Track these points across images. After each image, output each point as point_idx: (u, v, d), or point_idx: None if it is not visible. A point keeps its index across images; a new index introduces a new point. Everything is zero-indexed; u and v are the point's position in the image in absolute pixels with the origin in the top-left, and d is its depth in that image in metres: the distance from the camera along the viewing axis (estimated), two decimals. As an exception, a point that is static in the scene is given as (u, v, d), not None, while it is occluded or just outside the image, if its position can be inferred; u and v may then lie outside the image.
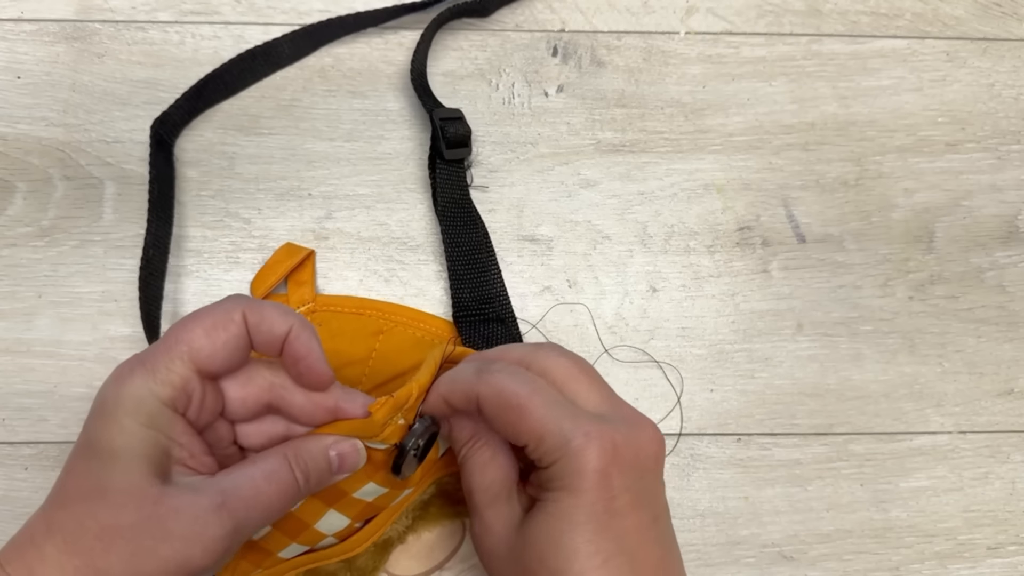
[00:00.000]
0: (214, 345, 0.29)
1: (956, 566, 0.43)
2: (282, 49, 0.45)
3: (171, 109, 0.42)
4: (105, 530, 0.27)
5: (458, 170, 0.43)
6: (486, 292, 0.42)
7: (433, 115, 0.43)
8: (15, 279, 0.43)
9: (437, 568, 0.39)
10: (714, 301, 0.45)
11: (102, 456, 0.28)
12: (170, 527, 0.27)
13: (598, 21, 0.48)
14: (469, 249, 0.42)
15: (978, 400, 0.44)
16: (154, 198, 0.41)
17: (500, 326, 0.42)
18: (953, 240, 0.46)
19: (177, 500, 0.28)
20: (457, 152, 0.43)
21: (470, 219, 0.43)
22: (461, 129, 0.43)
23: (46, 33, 0.45)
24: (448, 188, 0.43)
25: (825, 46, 0.48)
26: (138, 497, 0.27)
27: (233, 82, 0.45)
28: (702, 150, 0.46)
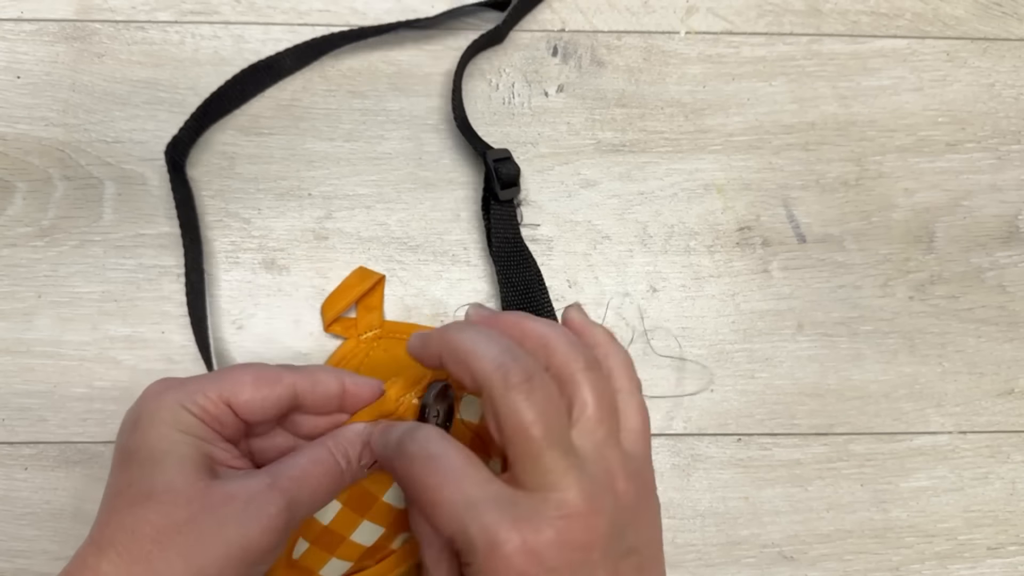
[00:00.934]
0: (254, 396, 0.30)
1: (956, 566, 0.43)
2: (285, 62, 0.45)
3: (181, 132, 0.42)
4: (159, 531, 0.27)
5: (510, 210, 0.43)
6: None
7: (486, 157, 0.42)
8: (15, 279, 0.43)
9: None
10: (714, 301, 0.45)
11: (144, 463, 0.28)
12: (225, 513, 0.27)
13: (598, 21, 0.48)
14: (523, 288, 0.42)
15: (978, 400, 0.44)
16: (184, 222, 0.42)
17: None
18: (953, 240, 0.46)
19: (228, 487, 0.28)
20: (509, 192, 0.43)
21: (523, 258, 0.43)
22: (512, 169, 0.43)
23: (46, 33, 0.45)
24: (502, 229, 0.43)
25: (825, 46, 0.48)
26: (187, 493, 0.28)
27: (237, 98, 0.45)
28: (702, 150, 0.46)
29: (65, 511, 0.41)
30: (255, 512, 0.28)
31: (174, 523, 0.27)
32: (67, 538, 0.41)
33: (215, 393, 0.30)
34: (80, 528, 0.41)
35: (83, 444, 0.42)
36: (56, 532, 0.41)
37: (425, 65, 0.46)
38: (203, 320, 0.42)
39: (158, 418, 0.29)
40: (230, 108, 0.45)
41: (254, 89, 0.45)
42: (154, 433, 0.29)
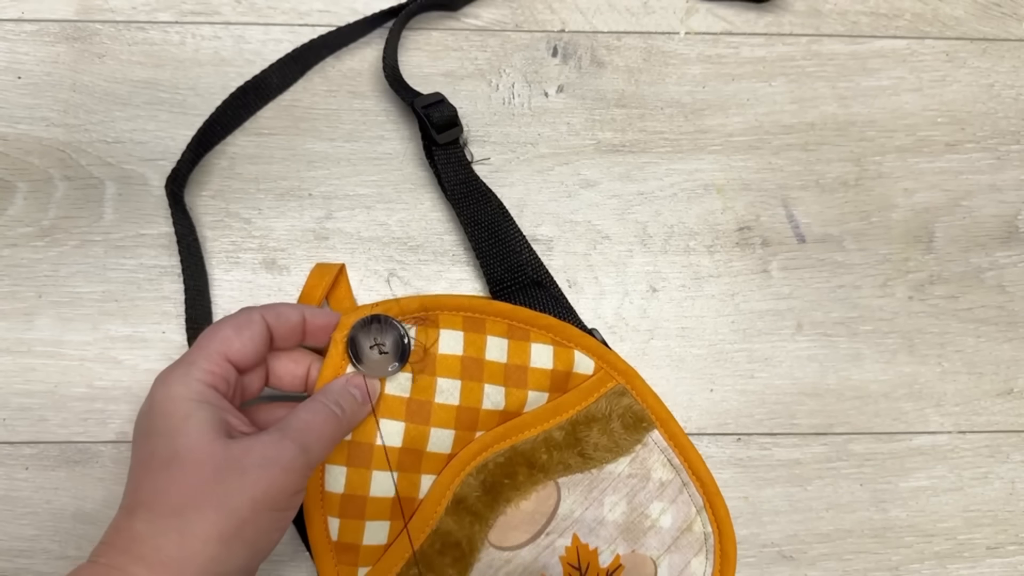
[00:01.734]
0: (242, 340, 0.34)
1: (956, 566, 0.43)
2: (271, 80, 0.45)
3: (179, 165, 0.42)
4: (189, 488, 0.29)
5: (455, 151, 0.43)
6: (515, 261, 0.42)
7: (415, 105, 0.42)
8: (15, 279, 0.43)
9: (541, 532, 0.39)
10: (714, 301, 0.45)
11: (164, 433, 0.31)
12: (247, 464, 0.30)
13: (598, 21, 0.48)
14: (488, 224, 0.42)
15: (978, 400, 0.44)
16: (185, 254, 0.42)
17: (538, 289, 0.41)
18: (953, 240, 0.46)
19: (245, 443, 0.31)
20: (449, 134, 0.42)
21: (481, 194, 0.43)
22: (446, 110, 0.42)
23: (47, 33, 0.46)
24: (451, 171, 0.43)
25: (825, 46, 0.48)
26: (210, 452, 0.30)
27: (230, 122, 0.44)
28: (702, 150, 0.46)
29: (66, 511, 0.41)
30: (274, 458, 0.30)
31: (202, 479, 0.29)
32: (68, 538, 0.41)
33: (213, 352, 0.33)
34: (81, 528, 0.41)
35: (84, 444, 0.42)
36: (57, 532, 0.41)
37: (425, 66, 0.46)
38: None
39: (172, 393, 0.32)
40: (224, 134, 0.44)
41: (245, 112, 0.45)
42: (171, 407, 0.31)
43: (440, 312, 0.38)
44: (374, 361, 0.36)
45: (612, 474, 0.40)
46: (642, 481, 0.40)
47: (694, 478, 0.40)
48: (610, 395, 0.40)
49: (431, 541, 0.37)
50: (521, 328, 0.39)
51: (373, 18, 0.46)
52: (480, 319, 0.39)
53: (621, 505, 0.39)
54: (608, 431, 0.40)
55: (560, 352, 0.40)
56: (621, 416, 0.40)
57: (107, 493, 0.41)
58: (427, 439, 0.37)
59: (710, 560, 0.39)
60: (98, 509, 0.41)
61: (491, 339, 0.38)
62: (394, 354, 0.37)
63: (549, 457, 0.39)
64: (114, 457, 0.42)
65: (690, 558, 0.39)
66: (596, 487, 0.39)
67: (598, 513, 0.39)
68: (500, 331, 0.39)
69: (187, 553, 0.28)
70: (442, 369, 0.37)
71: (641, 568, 0.39)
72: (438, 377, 0.37)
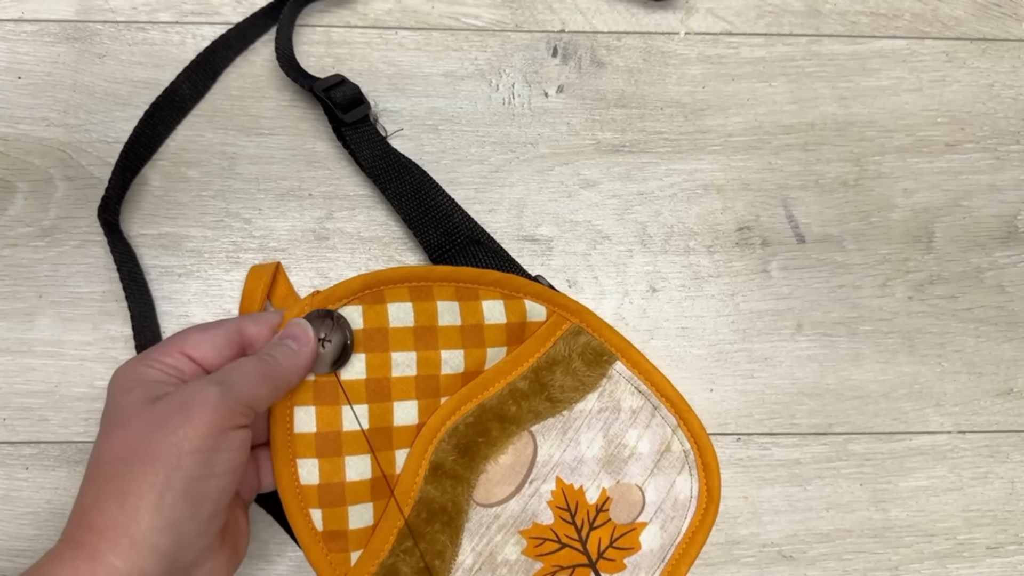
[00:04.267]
0: (202, 336, 0.34)
1: (955, 565, 0.43)
2: (183, 90, 0.44)
3: (107, 193, 0.41)
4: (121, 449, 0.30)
5: (366, 128, 0.43)
6: (447, 224, 0.42)
7: (314, 89, 0.42)
8: (16, 279, 0.43)
9: (524, 482, 0.39)
10: (714, 301, 0.45)
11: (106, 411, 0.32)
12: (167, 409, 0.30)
13: (598, 21, 0.48)
14: (413, 193, 0.42)
15: (977, 400, 0.44)
16: (127, 281, 0.41)
17: (478, 247, 0.41)
18: (952, 240, 0.46)
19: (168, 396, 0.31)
20: (356, 112, 0.42)
21: (401, 166, 0.42)
22: (348, 90, 0.42)
23: (47, 34, 0.46)
24: (365, 148, 0.42)
25: (824, 46, 0.48)
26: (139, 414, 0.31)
27: (150, 142, 0.44)
28: (702, 150, 0.46)
29: (66, 511, 0.41)
30: (190, 398, 0.30)
31: (132, 439, 0.30)
32: (68, 537, 0.41)
33: (169, 344, 0.34)
34: (81, 527, 0.41)
35: (84, 444, 0.42)
36: (57, 532, 0.41)
37: (425, 66, 0.46)
38: None
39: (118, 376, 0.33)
40: (147, 155, 0.44)
41: (164, 129, 0.44)
42: (114, 387, 0.32)
43: (384, 287, 0.38)
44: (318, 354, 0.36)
45: (583, 412, 0.40)
46: (614, 413, 0.40)
47: (663, 400, 0.41)
48: (567, 336, 0.40)
49: (416, 512, 0.37)
50: (468, 288, 0.39)
51: (269, 9, 0.45)
52: (426, 287, 0.38)
53: (598, 440, 0.40)
54: (571, 371, 0.40)
55: (511, 304, 0.40)
56: (581, 354, 0.40)
57: (107, 493, 0.41)
58: (392, 414, 0.37)
59: (694, 475, 0.40)
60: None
61: (441, 304, 0.38)
62: (332, 355, 0.36)
63: (518, 408, 0.39)
64: (114, 457, 0.42)
65: (674, 477, 0.40)
66: (570, 428, 0.40)
67: (577, 452, 0.39)
68: (448, 295, 0.39)
69: (128, 510, 0.28)
70: (395, 343, 0.37)
71: (628, 496, 0.39)
72: (392, 352, 0.37)
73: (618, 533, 0.39)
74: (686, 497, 0.40)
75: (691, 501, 0.40)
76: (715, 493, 0.40)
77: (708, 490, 0.40)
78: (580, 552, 0.39)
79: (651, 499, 0.40)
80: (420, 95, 0.46)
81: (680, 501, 0.40)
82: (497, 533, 0.38)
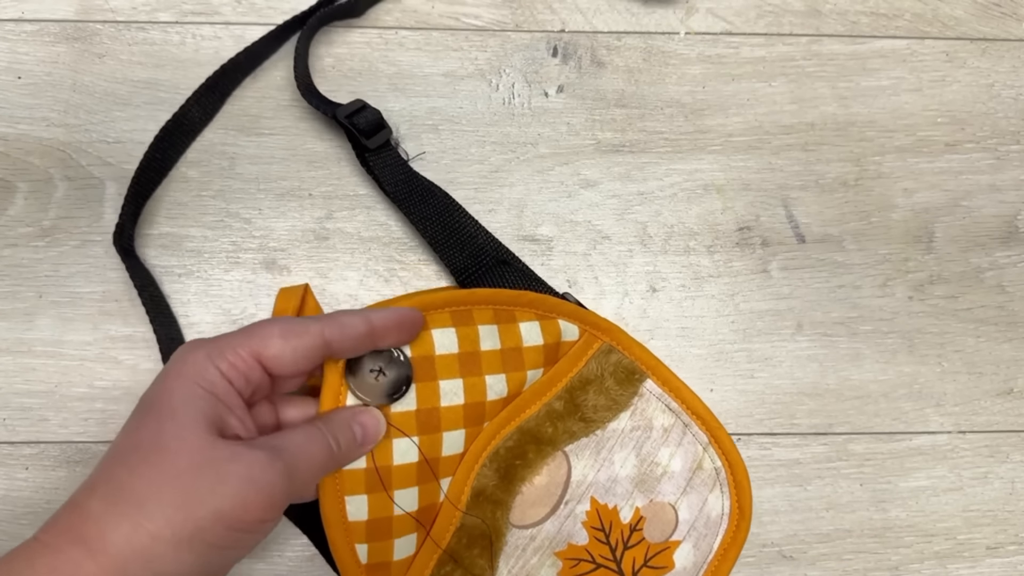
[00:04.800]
0: (283, 347, 0.31)
1: (955, 566, 0.43)
2: (193, 114, 0.44)
3: (121, 219, 0.41)
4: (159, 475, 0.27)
5: (390, 153, 0.43)
6: (472, 246, 0.42)
7: (337, 116, 0.41)
8: (16, 279, 0.43)
9: (559, 503, 0.39)
10: (714, 301, 0.45)
11: (158, 411, 0.29)
12: (227, 470, 0.27)
13: (598, 21, 0.48)
14: (438, 217, 0.42)
15: (977, 400, 0.44)
16: (149, 305, 0.41)
17: (505, 268, 0.41)
18: (952, 240, 0.46)
19: (234, 447, 0.28)
20: (378, 137, 0.42)
21: (424, 190, 0.42)
22: (371, 115, 0.42)
23: (47, 33, 0.46)
24: (388, 173, 0.42)
25: (825, 46, 0.48)
26: (194, 444, 0.28)
27: (161, 167, 0.43)
28: (702, 150, 0.46)
29: (66, 511, 0.41)
30: (257, 478, 0.28)
31: (176, 469, 0.27)
32: (68, 537, 0.41)
33: (244, 348, 0.30)
34: (81, 528, 0.41)
35: (84, 444, 0.42)
36: (57, 532, 0.41)
37: (425, 65, 0.46)
38: None
39: (183, 372, 0.30)
40: (158, 179, 0.43)
41: (175, 152, 0.44)
42: (176, 384, 0.29)
43: (427, 313, 0.37)
44: (369, 386, 0.35)
45: (616, 431, 0.40)
46: (646, 431, 0.40)
47: (694, 417, 0.41)
48: (598, 355, 0.40)
49: (457, 538, 0.37)
50: (506, 310, 0.39)
51: (280, 32, 0.45)
52: (466, 310, 0.38)
53: (631, 459, 0.40)
54: (603, 390, 0.40)
55: (546, 325, 0.39)
56: (613, 373, 0.40)
57: (107, 493, 0.41)
58: (441, 445, 0.36)
59: (725, 492, 0.40)
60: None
61: (482, 328, 0.38)
62: (390, 386, 0.35)
63: (554, 429, 0.39)
64: (114, 457, 0.42)
65: (706, 495, 0.40)
66: (604, 447, 0.40)
67: (610, 472, 0.39)
68: (488, 318, 0.38)
69: (133, 547, 0.26)
70: (442, 371, 0.36)
71: (662, 515, 0.39)
72: (440, 380, 0.36)
73: (652, 552, 0.39)
74: (718, 515, 0.40)
75: (723, 518, 0.40)
76: (746, 510, 0.40)
77: (740, 507, 0.40)
78: (615, 572, 0.39)
79: (684, 517, 0.40)
80: (420, 95, 0.46)
81: (712, 519, 0.40)
82: (533, 555, 0.38)
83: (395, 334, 0.34)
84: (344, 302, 0.43)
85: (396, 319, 0.34)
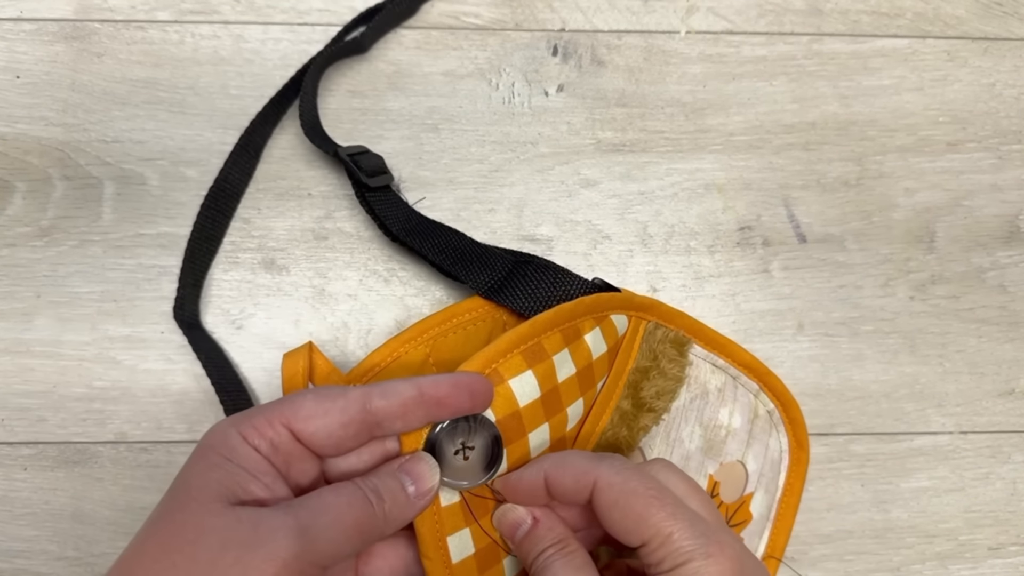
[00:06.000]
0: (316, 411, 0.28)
1: (957, 566, 0.43)
2: (232, 176, 0.43)
3: (180, 293, 0.41)
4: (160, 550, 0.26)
5: (389, 194, 0.42)
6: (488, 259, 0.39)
7: (339, 154, 0.41)
8: (14, 279, 0.43)
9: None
10: (715, 301, 0.44)
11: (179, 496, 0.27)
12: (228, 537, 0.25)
13: (598, 20, 0.47)
14: (447, 248, 0.40)
15: (979, 400, 0.44)
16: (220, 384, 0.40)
17: (528, 267, 0.38)
18: (954, 240, 0.46)
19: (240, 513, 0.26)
20: (380, 180, 0.41)
21: (432, 226, 0.41)
22: (374, 159, 0.42)
23: (45, 32, 0.45)
24: (393, 211, 0.41)
25: (826, 45, 0.48)
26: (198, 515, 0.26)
27: (212, 239, 0.43)
28: (703, 150, 0.46)
29: (64, 511, 0.41)
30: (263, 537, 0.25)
31: (175, 544, 0.25)
32: (66, 538, 0.41)
33: (273, 415, 0.28)
34: (79, 528, 0.41)
35: (82, 444, 0.42)
36: (55, 532, 0.41)
37: (425, 65, 0.46)
38: None
39: (205, 441, 0.28)
40: (211, 252, 0.43)
41: (224, 218, 0.43)
42: (195, 459, 0.28)
43: (498, 361, 0.33)
44: (458, 469, 0.31)
45: (679, 409, 0.40)
46: (703, 398, 0.40)
47: (741, 368, 0.41)
48: (647, 337, 0.39)
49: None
50: (571, 328, 0.36)
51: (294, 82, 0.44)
52: (536, 344, 0.34)
53: (696, 431, 0.40)
54: (661, 372, 0.39)
55: (605, 327, 0.37)
56: (664, 353, 0.39)
57: (106, 494, 0.41)
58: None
59: (781, 431, 0.41)
60: (97, 510, 0.41)
61: (555, 358, 0.34)
62: (482, 461, 0.31)
63: (629, 431, 0.38)
64: (113, 458, 0.42)
65: (767, 440, 0.41)
66: (672, 429, 0.40)
67: (682, 450, 0.40)
68: (558, 344, 0.35)
69: None
70: (529, 423, 0.33)
71: (733, 474, 0.40)
72: (529, 434, 0.33)
73: (731, 512, 0.40)
74: (778, 453, 0.41)
75: (783, 455, 0.40)
76: (804, 441, 0.40)
77: (797, 440, 0.41)
78: None
79: (752, 469, 0.40)
80: (419, 94, 0.46)
81: (774, 460, 0.40)
82: None
83: (453, 402, 0.30)
84: (344, 302, 0.43)
85: (450, 385, 0.30)
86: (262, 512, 0.26)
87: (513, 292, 0.37)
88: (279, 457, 0.28)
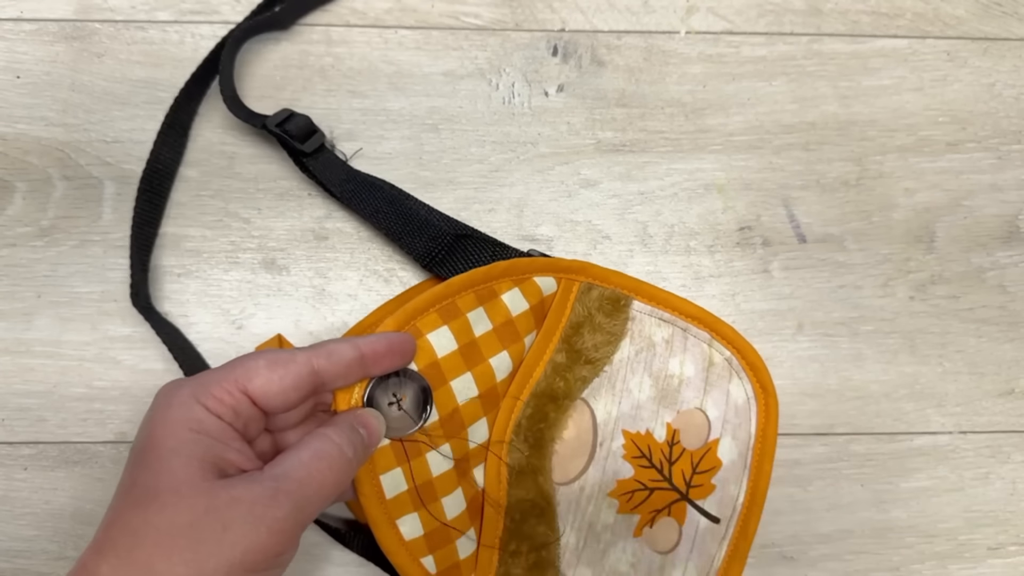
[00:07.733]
0: (269, 377, 0.30)
1: (957, 566, 0.43)
2: (164, 156, 0.43)
3: (133, 280, 0.41)
4: (161, 534, 0.26)
5: (327, 155, 0.43)
6: (430, 230, 0.41)
7: (267, 125, 0.41)
8: (14, 279, 0.43)
9: (594, 448, 0.39)
10: (715, 301, 0.44)
11: (151, 462, 0.28)
12: (230, 516, 0.27)
13: (598, 20, 0.47)
14: (388, 208, 0.41)
15: (979, 400, 0.44)
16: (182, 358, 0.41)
17: (467, 241, 0.41)
18: (954, 240, 0.46)
19: (234, 490, 0.27)
20: (313, 142, 0.42)
21: (369, 185, 0.42)
22: (301, 121, 0.42)
23: (45, 33, 0.45)
24: (331, 173, 0.42)
25: (826, 45, 0.48)
26: (192, 494, 0.27)
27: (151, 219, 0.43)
28: (703, 150, 0.46)
29: (64, 511, 0.41)
30: (261, 515, 0.27)
31: (177, 526, 0.26)
32: (66, 538, 0.41)
33: (229, 381, 0.29)
34: (79, 528, 0.41)
35: (82, 444, 0.42)
36: (55, 532, 0.41)
37: (425, 65, 0.46)
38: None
39: (169, 417, 0.29)
40: (153, 232, 0.43)
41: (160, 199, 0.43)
42: (164, 432, 0.28)
43: (416, 319, 0.37)
44: (394, 418, 0.35)
45: (623, 361, 0.40)
46: (649, 350, 0.41)
47: (690, 320, 0.41)
48: (580, 296, 0.40)
49: (510, 516, 0.38)
50: (485, 288, 0.39)
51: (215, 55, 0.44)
52: (450, 303, 0.38)
53: (646, 381, 0.40)
54: (596, 327, 0.40)
55: (525, 287, 0.40)
56: (599, 308, 0.40)
57: (106, 493, 0.41)
58: (467, 440, 0.37)
59: (743, 377, 0.41)
60: (97, 509, 0.41)
61: (470, 315, 0.38)
62: (414, 409, 0.35)
63: (565, 382, 0.39)
64: (113, 457, 0.42)
65: (727, 387, 0.41)
66: (617, 380, 0.40)
67: (631, 400, 0.40)
68: (472, 303, 0.38)
69: None
70: (450, 372, 0.37)
71: (693, 421, 0.40)
72: (451, 381, 0.37)
73: (697, 458, 0.40)
74: (744, 400, 0.41)
75: (750, 402, 0.41)
76: (768, 386, 0.41)
77: (762, 386, 0.41)
78: (669, 490, 0.39)
79: (714, 415, 0.40)
80: (420, 94, 0.46)
81: (740, 406, 0.41)
82: (588, 504, 0.39)
83: (387, 360, 0.34)
84: (344, 302, 0.43)
85: (385, 344, 0.33)
86: (254, 489, 0.28)
87: (454, 266, 0.40)
88: (240, 422, 0.30)
